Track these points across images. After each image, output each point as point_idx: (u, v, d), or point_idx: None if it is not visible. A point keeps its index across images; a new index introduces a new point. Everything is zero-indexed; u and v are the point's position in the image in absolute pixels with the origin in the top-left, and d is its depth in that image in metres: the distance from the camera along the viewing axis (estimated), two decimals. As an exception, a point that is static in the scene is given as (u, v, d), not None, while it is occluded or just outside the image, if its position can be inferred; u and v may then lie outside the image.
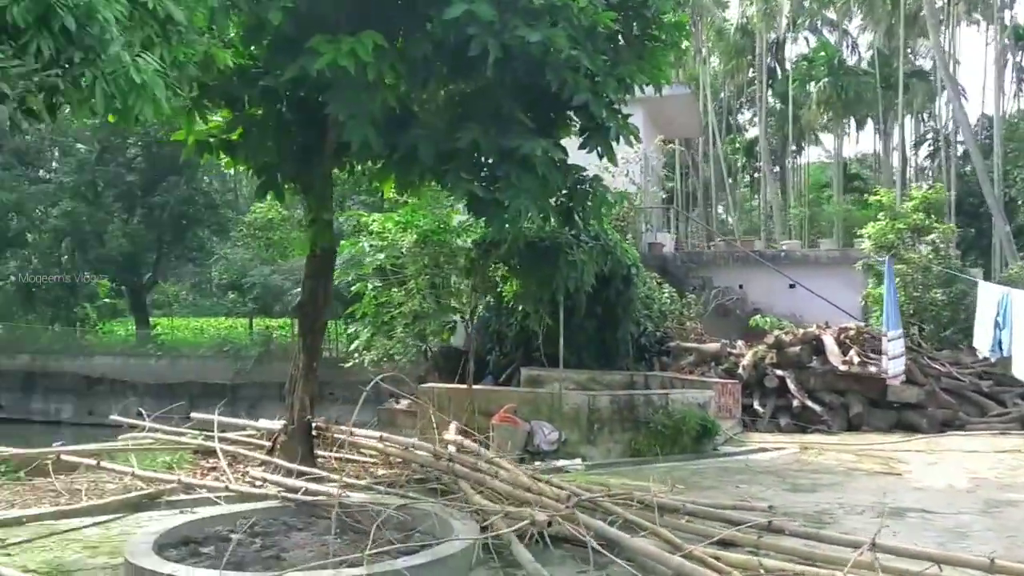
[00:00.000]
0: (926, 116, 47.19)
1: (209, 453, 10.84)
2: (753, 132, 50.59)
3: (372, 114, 8.12)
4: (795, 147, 44.45)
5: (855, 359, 14.40)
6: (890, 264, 14.86)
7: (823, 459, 11.40)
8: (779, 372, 14.77)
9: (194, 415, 12.46)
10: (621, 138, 9.29)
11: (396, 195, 12.47)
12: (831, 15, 44.17)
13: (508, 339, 15.64)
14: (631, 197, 17.67)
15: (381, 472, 9.85)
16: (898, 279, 15.00)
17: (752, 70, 45.01)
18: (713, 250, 24.31)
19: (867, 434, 13.98)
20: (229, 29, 6.95)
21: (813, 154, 53.78)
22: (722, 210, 49.22)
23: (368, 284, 14.93)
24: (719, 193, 45.56)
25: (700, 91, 38.16)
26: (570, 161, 9.28)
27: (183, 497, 8.58)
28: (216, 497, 8.30)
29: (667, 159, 33.21)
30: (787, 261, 21.13)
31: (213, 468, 10.30)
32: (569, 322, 12.67)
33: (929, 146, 47.08)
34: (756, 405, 14.55)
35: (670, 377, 14.25)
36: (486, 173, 8.95)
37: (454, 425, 10.59)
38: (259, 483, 9.01)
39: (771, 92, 43.66)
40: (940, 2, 37.17)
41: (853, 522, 7.82)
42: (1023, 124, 40.32)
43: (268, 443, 10.76)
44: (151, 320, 37.81)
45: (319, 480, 8.67)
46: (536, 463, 10.38)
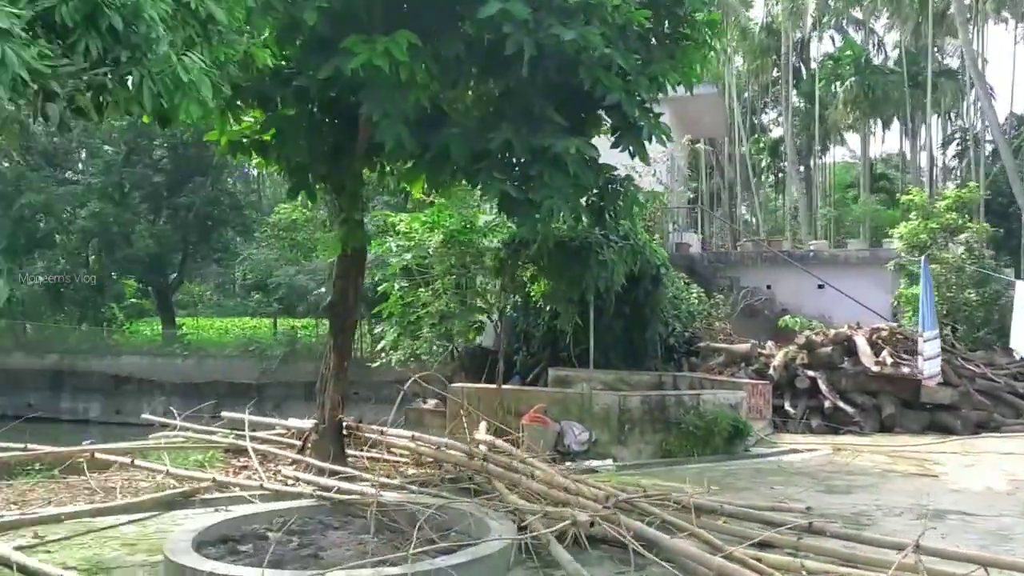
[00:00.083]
0: (953, 115, 46.65)
1: (240, 452, 10.89)
2: (777, 132, 50.24)
3: (405, 114, 8.13)
4: (820, 147, 44.03)
5: (888, 360, 14.25)
6: (926, 264, 14.69)
7: (857, 460, 11.27)
8: (810, 373, 14.64)
9: (225, 414, 12.52)
10: (653, 137, 9.25)
11: (424, 195, 12.52)
12: (857, 14, 43.76)
13: (535, 339, 15.60)
14: (662, 196, 17.59)
15: (411, 471, 9.85)
16: (921, 280, 14.81)
17: (776, 70, 44.66)
18: (740, 250, 24.15)
19: (900, 436, 13.81)
20: (265, 29, 6.96)
21: (838, 154, 53.41)
22: (745, 210, 48.91)
23: (395, 284, 14.96)
24: (743, 193, 45.29)
25: (725, 91, 37.92)
26: (600, 160, 9.24)
27: (217, 495, 8.63)
28: (250, 496, 8.35)
29: (691, 159, 33.07)
30: (815, 261, 20.95)
31: (244, 467, 10.35)
32: (597, 322, 12.63)
33: (957, 145, 46.52)
34: (787, 406, 14.42)
35: (699, 378, 14.16)
36: (518, 172, 8.92)
37: (484, 425, 10.58)
38: (291, 482, 9.05)
39: (796, 92, 43.30)
40: (968, 0, 36.71)
41: (892, 524, 7.72)
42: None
43: (298, 442, 10.80)
44: (177, 320, 38.11)
45: (351, 479, 8.69)
46: (567, 463, 10.34)
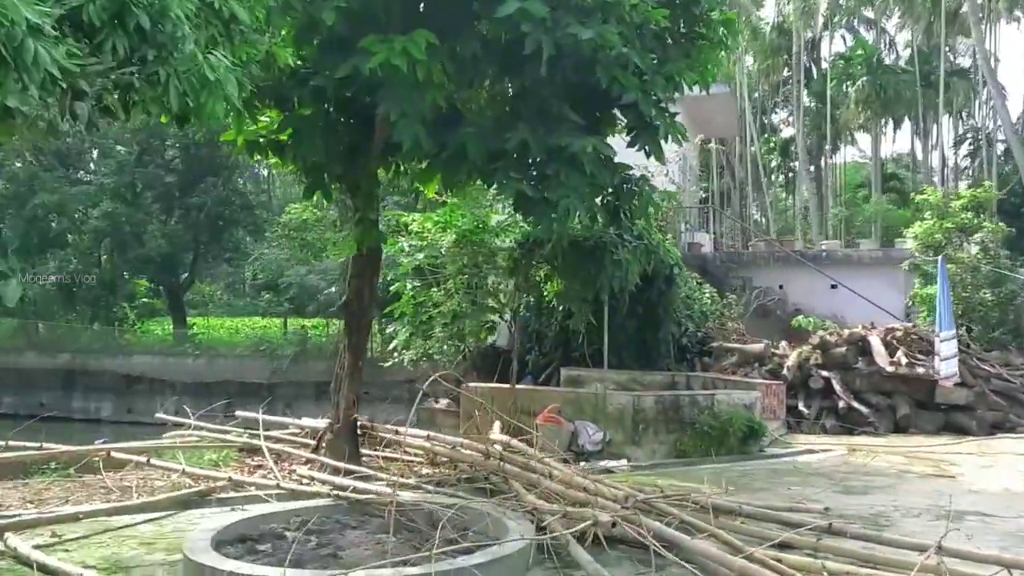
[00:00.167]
0: (964, 115, 46.47)
1: (254, 451, 10.91)
2: (787, 132, 50.11)
3: (422, 113, 8.13)
4: (831, 147, 43.90)
5: (903, 360, 14.19)
6: (943, 264, 14.62)
7: (872, 461, 11.21)
8: (824, 373, 14.59)
9: (239, 413, 12.54)
10: (668, 137, 9.22)
11: (439, 195, 12.52)
12: (868, 14, 43.61)
13: (547, 339, 15.58)
14: (678, 195, 17.56)
15: (425, 471, 9.85)
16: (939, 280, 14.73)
17: (787, 69, 44.55)
18: (752, 250, 24.10)
19: (914, 436, 13.75)
20: (284, 29, 6.97)
21: (847, 154, 53.24)
22: (754, 210, 48.80)
23: (406, 284, 14.97)
24: (753, 193, 45.18)
25: (736, 90, 37.84)
26: (615, 160, 9.22)
27: (232, 495, 8.64)
28: (266, 495, 8.35)
29: (703, 158, 32.99)
30: (828, 261, 20.90)
31: (259, 466, 10.36)
32: (610, 322, 12.60)
33: (969, 145, 46.33)
34: (801, 406, 14.37)
35: (712, 378, 14.13)
36: (534, 172, 8.91)
37: (498, 424, 10.57)
38: (306, 481, 9.05)
39: (807, 91, 43.18)
40: (980, -1, 36.55)
41: (910, 525, 7.69)
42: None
43: (312, 441, 10.81)
44: (187, 320, 38.22)
45: (367, 479, 8.70)
46: (581, 463, 10.32)
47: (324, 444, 10.26)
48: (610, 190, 9.57)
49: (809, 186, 42.51)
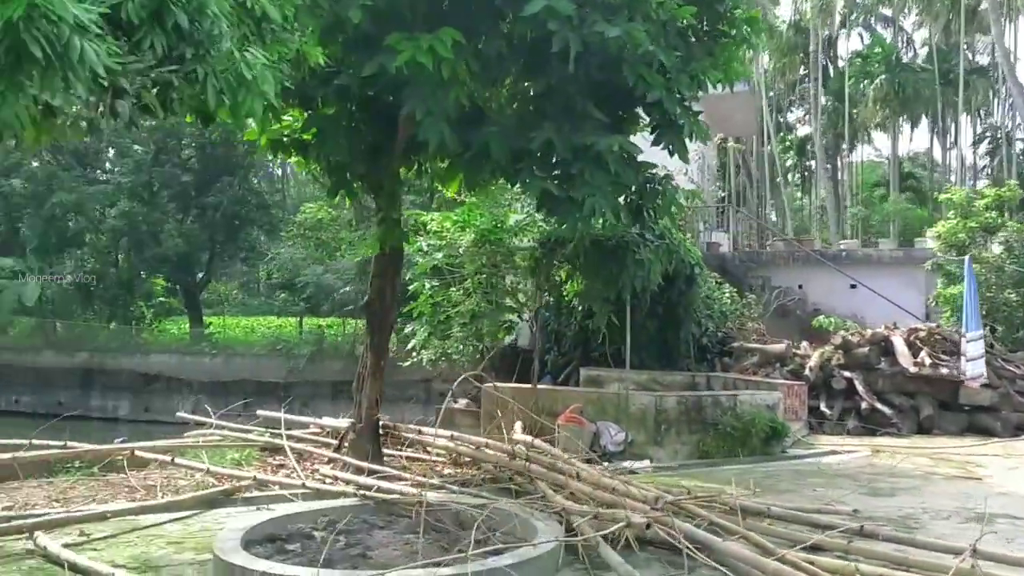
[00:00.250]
0: (983, 113, 46.12)
1: (275, 450, 10.92)
2: (803, 130, 49.86)
3: (446, 112, 8.10)
4: (847, 145, 43.64)
5: (926, 361, 14.07)
6: (970, 264, 14.49)
7: (897, 462, 11.12)
8: (846, 374, 14.47)
9: (260, 413, 12.55)
10: (693, 136, 9.17)
11: (460, 194, 12.47)
12: (886, 11, 43.34)
13: (567, 338, 15.54)
14: (700, 194, 17.49)
15: (448, 471, 9.83)
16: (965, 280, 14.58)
17: (803, 67, 44.34)
18: (771, 250, 23.98)
19: (938, 437, 13.63)
20: (312, 27, 6.95)
21: (863, 153, 52.91)
22: (770, 209, 48.57)
23: (425, 284, 14.94)
24: (765, 192, 44.95)
25: (753, 89, 37.65)
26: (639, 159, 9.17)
27: (257, 494, 8.64)
28: (291, 495, 8.34)
29: (721, 157, 32.86)
30: (848, 261, 20.78)
31: (281, 465, 10.37)
32: (631, 322, 12.54)
33: (989, 143, 45.95)
34: (823, 407, 14.26)
35: (733, 378, 14.06)
36: (558, 171, 8.87)
37: (519, 424, 10.53)
38: (329, 480, 9.05)
39: (824, 90, 42.94)
40: (1000, -4, 36.25)
41: (940, 527, 7.60)
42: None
43: (334, 441, 10.82)
44: (204, 319, 38.38)
45: (391, 479, 8.69)
46: (604, 464, 10.27)
47: (346, 444, 10.26)
48: (633, 189, 9.52)
49: (826, 185, 42.28)
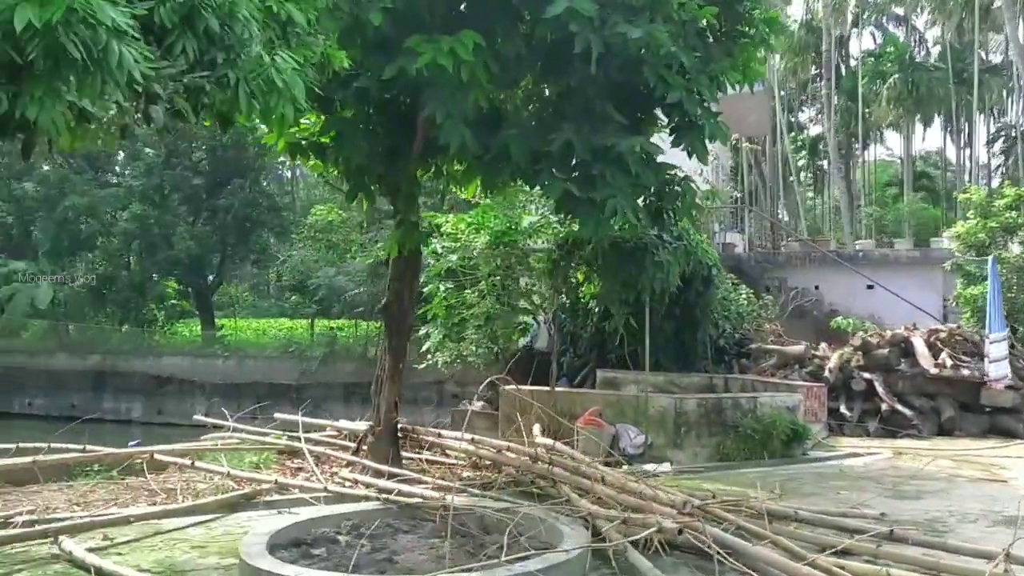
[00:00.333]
0: (997, 112, 45.84)
1: (293, 453, 10.89)
2: (815, 130, 49.65)
3: (465, 115, 8.07)
4: (860, 145, 43.43)
5: (947, 362, 13.95)
6: (994, 264, 14.36)
7: (920, 465, 11.02)
8: (866, 375, 14.36)
9: (277, 415, 12.53)
10: (713, 137, 9.11)
11: (477, 196, 12.44)
12: (898, 10, 43.12)
13: (583, 340, 15.48)
14: (720, 194, 17.42)
15: (467, 474, 9.78)
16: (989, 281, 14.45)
17: (815, 67, 44.16)
18: (786, 250, 23.86)
19: (960, 439, 13.52)
20: (333, 31, 6.94)
21: (875, 153, 52.66)
22: (782, 209, 48.38)
23: (439, 286, 14.91)
24: (779, 192, 44.76)
25: (768, 89, 37.52)
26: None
27: (278, 497, 8.61)
28: (312, 498, 8.31)
29: (734, 158, 32.74)
30: (864, 262, 20.65)
31: (300, 468, 10.33)
32: (649, 323, 12.48)
33: (1003, 142, 45.64)
34: (843, 409, 14.16)
35: (751, 380, 13.98)
36: (577, 172, 8.83)
37: (537, 427, 10.48)
38: (349, 484, 9.02)
39: (836, 89, 42.75)
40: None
41: (968, 531, 7.52)
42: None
43: (352, 444, 10.78)
44: (215, 321, 38.46)
45: (411, 482, 8.65)
46: (623, 467, 10.21)
47: (365, 447, 10.23)
48: (652, 190, 9.47)
49: (840, 185, 42.07)
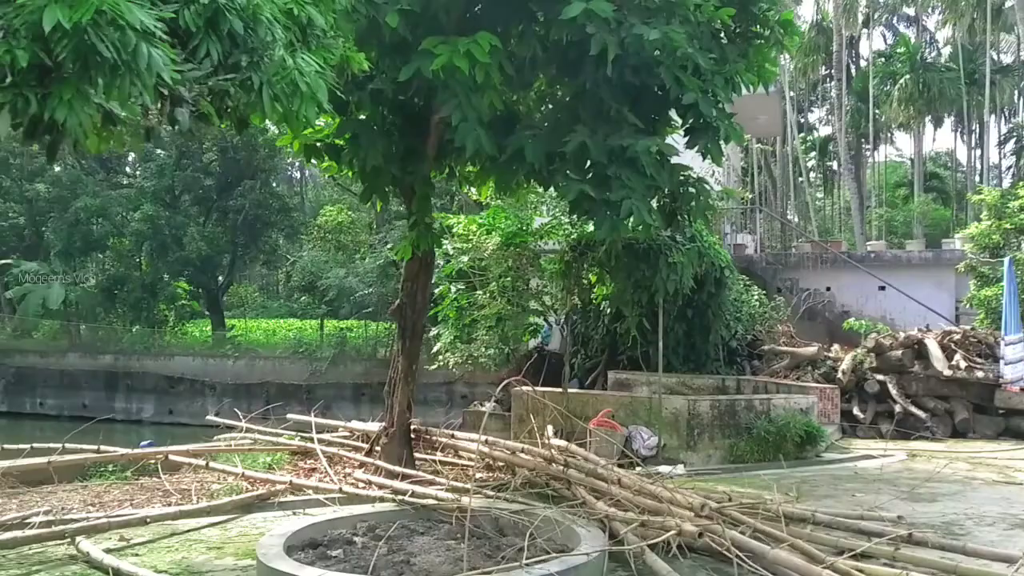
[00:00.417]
0: (1008, 113, 45.65)
1: (305, 454, 10.91)
2: (824, 131, 49.51)
3: (480, 116, 8.08)
4: (871, 146, 43.30)
5: (961, 364, 13.88)
6: (1011, 266, 14.29)
7: (934, 467, 10.97)
8: (879, 377, 14.30)
9: (290, 416, 12.55)
10: (729, 138, 9.09)
11: (490, 197, 12.46)
12: (909, 11, 42.97)
13: (594, 342, 15.48)
14: (735, 194, 17.37)
15: (480, 476, 9.77)
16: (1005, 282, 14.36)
17: (824, 67, 44.03)
18: (797, 251, 23.78)
19: (974, 441, 13.46)
20: (351, 33, 6.95)
21: (884, 153, 52.49)
22: (791, 210, 48.26)
23: (450, 287, 14.93)
24: (789, 193, 44.66)
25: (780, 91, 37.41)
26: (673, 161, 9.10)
27: (292, 498, 8.63)
28: (326, 499, 8.33)
29: (745, 159, 32.63)
30: (876, 263, 20.55)
31: (313, 469, 10.35)
32: (658, 325, 12.48)
33: (1016, 143, 45.45)
34: (855, 411, 14.11)
35: (763, 381, 13.95)
36: (592, 174, 8.82)
37: (550, 428, 10.47)
38: (362, 485, 9.03)
39: (847, 89, 42.61)
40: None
41: (986, 534, 7.48)
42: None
43: (365, 444, 10.80)
44: (226, 321, 38.55)
45: (424, 483, 8.66)
46: (636, 469, 10.19)
47: (378, 447, 10.24)
48: (667, 192, 9.45)
49: (850, 186, 41.93)
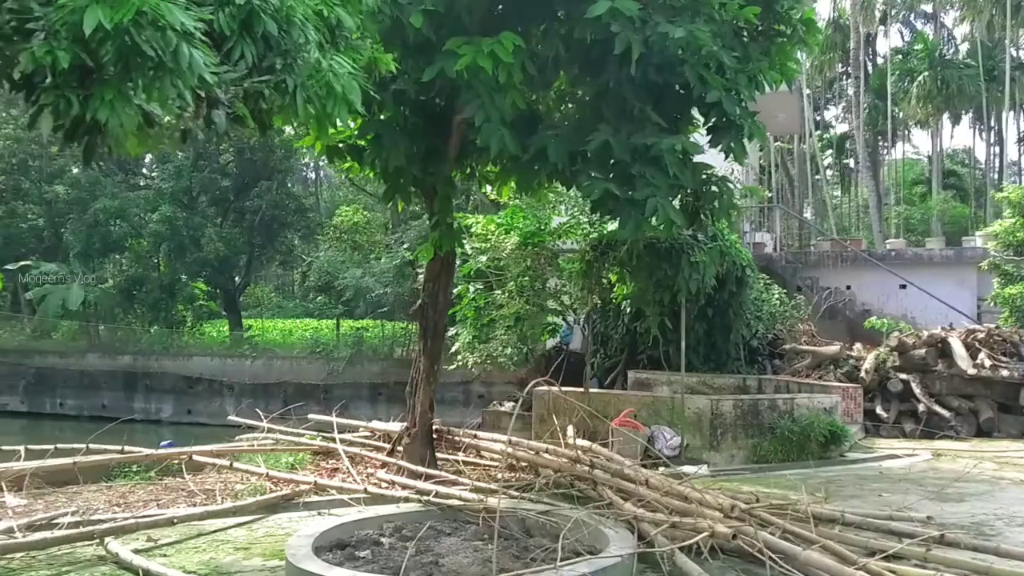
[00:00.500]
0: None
1: (327, 454, 10.93)
2: (841, 128, 49.21)
3: (503, 116, 8.06)
4: (889, 143, 42.99)
5: (986, 362, 13.75)
6: (1038, 263, 14.14)
7: (960, 467, 10.87)
8: (903, 376, 14.17)
9: (312, 416, 12.58)
10: (752, 136, 9.04)
11: (511, 197, 12.44)
12: (927, 8, 42.66)
13: (613, 341, 15.43)
14: (757, 191, 17.28)
15: (501, 476, 9.74)
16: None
17: (841, 65, 43.76)
18: (817, 250, 23.62)
19: (1000, 440, 13.33)
20: (376, 34, 6.95)
21: (902, 151, 52.10)
22: (807, 208, 47.99)
23: (469, 287, 14.93)
24: (806, 191, 44.41)
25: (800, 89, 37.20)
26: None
27: (316, 498, 8.65)
28: (350, 499, 8.34)
29: (763, 157, 32.45)
30: (897, 261, 20.39)
31: (335, 469, 10.37)
32: (679, 324, 12.43)
33: (1035, 140, 45.10)
34: (879, 410, 14.00)
35: (785, 381, 13.86)
36: (615, 173, 8.78)
37: (572, 428, 10.44)
38: (386, 485, 9.03)
39: (864, 87, 42.33)
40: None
41: (1017, 535, 7.40)
42: None
43: (386, 444, 10.81)
44: (243, 322, 38.70)
45: (448, 483, 8.65)
46: (661, 469, 10.15)
47: (400, 448, 10.25)
48: (689, 191, 9.41)
49: (868, 183, 41.65)
